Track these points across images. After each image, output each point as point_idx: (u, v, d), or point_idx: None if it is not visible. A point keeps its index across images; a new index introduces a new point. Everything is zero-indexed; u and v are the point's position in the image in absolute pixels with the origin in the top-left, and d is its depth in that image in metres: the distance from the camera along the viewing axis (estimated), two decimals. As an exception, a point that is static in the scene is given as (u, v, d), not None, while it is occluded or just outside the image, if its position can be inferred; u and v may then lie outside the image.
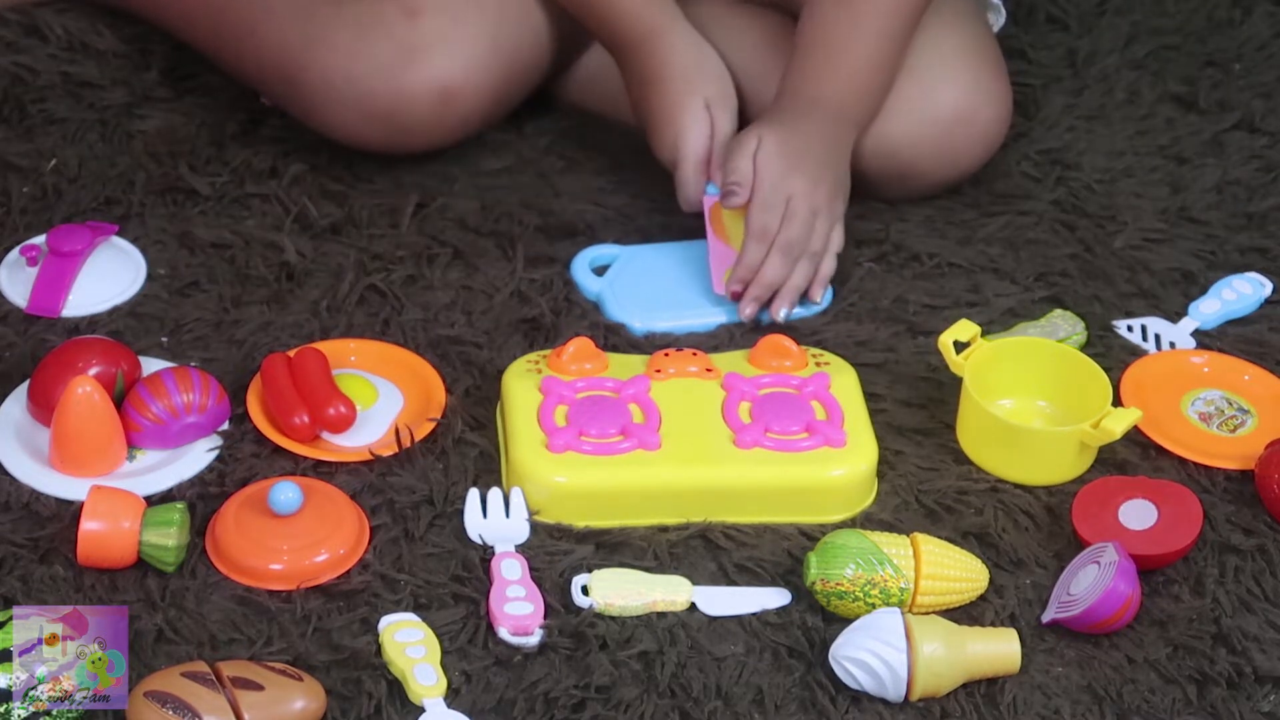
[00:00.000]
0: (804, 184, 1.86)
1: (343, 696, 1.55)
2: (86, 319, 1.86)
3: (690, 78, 1.94)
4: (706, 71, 1.95)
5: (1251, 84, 2.23)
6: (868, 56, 1.92)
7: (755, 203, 1.86)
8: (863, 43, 1.92)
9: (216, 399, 1.74)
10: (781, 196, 1.86)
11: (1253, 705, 1.59)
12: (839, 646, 1.58)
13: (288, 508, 1.64)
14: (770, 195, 1.86)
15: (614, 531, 1.69)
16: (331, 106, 1.98)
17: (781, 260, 1.86)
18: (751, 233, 1.86)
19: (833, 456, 1.72)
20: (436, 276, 1.93)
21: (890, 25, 1.92)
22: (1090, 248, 2.01)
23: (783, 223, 1.86)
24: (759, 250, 1.86)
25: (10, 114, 2.08)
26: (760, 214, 1.86)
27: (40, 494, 1.69)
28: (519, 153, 2.09)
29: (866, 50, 1.92)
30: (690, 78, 1.94)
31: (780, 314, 1.88)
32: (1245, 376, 1.87)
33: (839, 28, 1.92)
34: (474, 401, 1.80)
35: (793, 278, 1.88)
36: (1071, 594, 1.62)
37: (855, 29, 1.92)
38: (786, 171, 1.86)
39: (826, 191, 1.87)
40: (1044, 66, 2.24)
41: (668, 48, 1.95)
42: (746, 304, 1.87)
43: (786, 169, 1.86)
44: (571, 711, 1.56)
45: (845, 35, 1.92)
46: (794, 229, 1.86)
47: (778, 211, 1.86)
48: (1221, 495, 1.75)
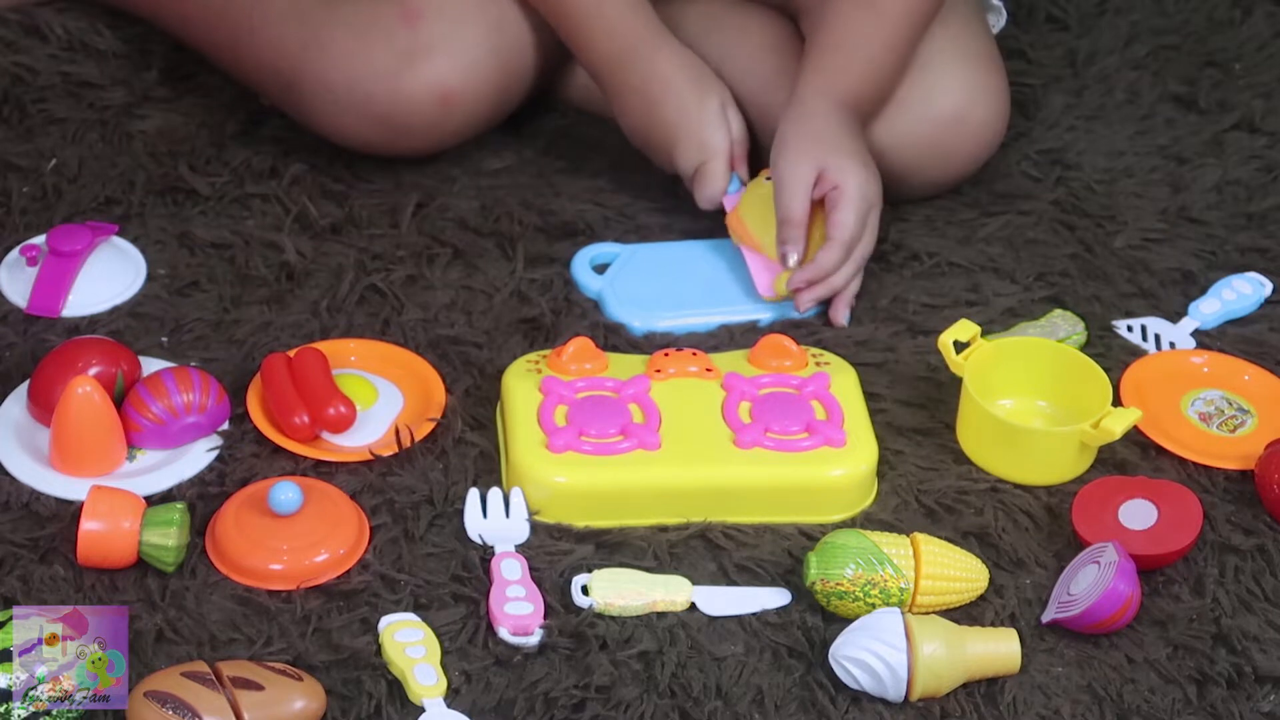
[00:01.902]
0: (877, 195, 1.88)
1: (343, 696, 1.55)
2: (86, 319, 1.86)
3: (699, 83, 1.95)
4: (708, 75, 1.96)
5: (1251, 84, 2.23)
6: (887, 58, 1.92)
7: (849, 212, 1.85)
8: (884, 44, 1.92)
9: (216, 399, 1.74)
10: (867, 206, 1.87)
11: (1253, 705, 1.59)
12: (839, 646, 1.58)
13: (288, 508, 1.64)
14: (861, 205, 1.86)
15: (614, 531, 1.69)
16: (330, 110, 1.98)
17: (854, 269, 1.88)
18: (837, 238, 1.85)
19: (833, 456, 1.72)
20: (436, 276, 1.93)
21: (910, 27, 1.92)
22: (1090, 248, 2.01)
23: (865, 233, 1.87)
24: (839, 256, 1.86)
25: (10, 114, 2.08)
26: (854, 225, 1.85)
27: (40, 494, 1.69)
28: (519, 153, 2.09)
29: (886, 52, 1.92)
30: (699, 83, 1.95)
31: (844, 319, 1.89)
32: (1245, 376, 1.87)
33: (863, 29, 1.91)
34: (474, 401, 1.80)
35: (853, 284, 1.89)
36: (1071, 594, 1.62)
37: (878, 30, 1.91)
38: (868, 179, 1.87)
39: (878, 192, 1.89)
40: (1044, 66, 2.24)
41: (666, 57, 1.95)
42: (808, 299, 1.87)
43: (867, 175, 1.87)
44: (571, 711, 1.56)
45: (869, 36, 1.91)
46: (870, 241, 1.88)
47: (864, 221, 1.86)
48: (1221, 495, 1.75)
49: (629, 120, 1.98)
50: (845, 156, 1.86)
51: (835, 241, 1.86)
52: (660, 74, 1.95)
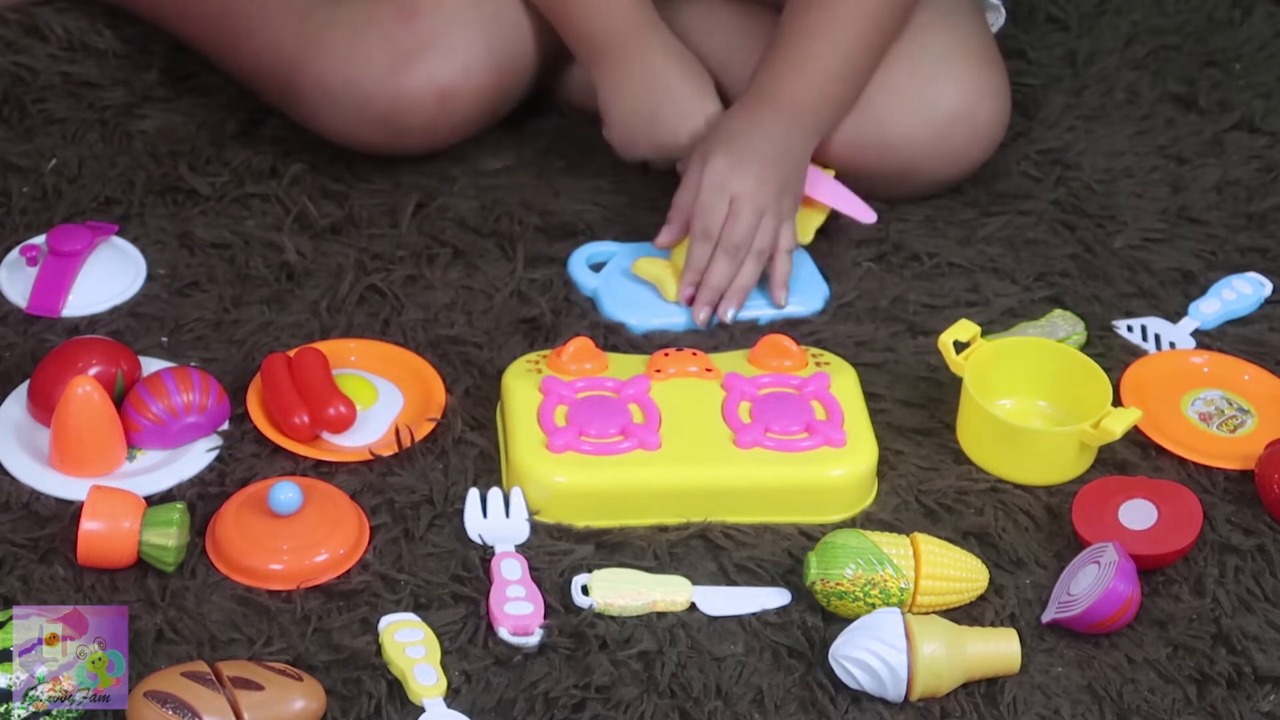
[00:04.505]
0: (748, 184, 1.86)
1: (343, 696, 1.55)
2: (86, 319, 1.86)
3: (693, 64, 1.96)
4: (699, 66, 1.96)
5: (1251, 84, 2.23)
6: (838, 61, 1.92)
7: (697, 205, 1.86)
8: (834, 47, 1.91)
9: (216, 399, 1.74)
10: (724, 198, 1.86)
11: (1253, 705, 1.59)
12: (839, 646, 1.58)
13: (288, 508, 1.64)
14: (712, 197, 1.86)
15: (614, 531, 1.69)
16: (329, 109, 1.98)
17: (727, 261, 1.87)
18: (695, 234, 1.87)
19: (833, 456, 1.72)
20: (436, 276, 1.93)
21: (865, 32, 1.92)
22: (1090, 248, 2.01)
23: (726, 223, 1.86)
24: (704, 252, 1.87)
25: (10, 114, 2.09)
26: (702, 216, 1.87)
27: (40, 494, 1.69)
28: (519, 153, 2.09)
29: (837, 55, 1.92)
30: (693, 64, 1.96)
31: (728, 315, 1.88)
32: (1245, 376, 1.87)
33: (813, 29, 1.91)
34: (474, 401, 1.80)
35: (739, 278, 1.88)
36: (1071, 594, 1.62)
37: (829, 32, 1.91)
38: (729, 172, 1.86)
39: (773, 190, 1.87)
40: (1044, 66, 2.24)
41: (662, 42, 1.95)
42: (699, 309, 1.88)
43: (729, 169, 1.86)
44: (571, 711, 1.56)
45: (818, 37, 1.91)
46: (737, 229, 1.86)
47: (720, 213, 1.86)
48: (1221, 495, 1.75)
49: (618, 108, 1.97)
50: (719, 147, 1.86)
51: (692, 234, 1.87)
52: (655, 57, 1.95)
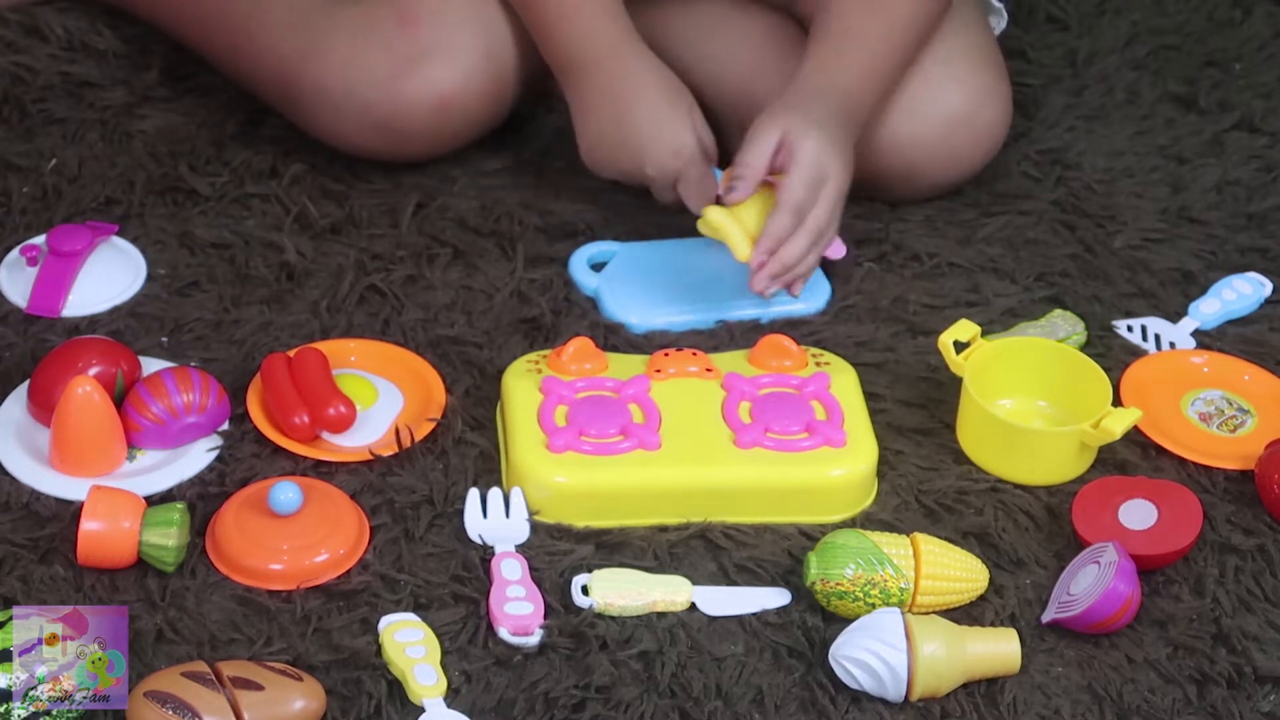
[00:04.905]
0: (839, 169, 1.83)
1: (343, 696, 1.55)
2: (86, 319, 1.86)
3: (669, 89, 1.92)
4: (677, 83, 1.94)
5: (1251, 84, 2.23)
6: (888, 54, 1.91)
7: (796, 175, 1.80)
8: (886, 40, 1.90)
9: (216, 399, 1.74)
10: (821, 176, 1.82)
11: (1253, 705, 1.59)
12: (839, 646, 1.58)
13: (288, 508, 1.64)
14: (813, 172, 1.81)
15: (614, 531, 1.69)
16: (328, 115, 1.98)
17: (807, 242, 1.82)
18: (785, 204, 1.81)
19: (833, 456, 1.72)
20: (436, 276, 1.93)
21: (914, 25, 1.91)
22: (1090, 248, 2.01)
23: (817, 204, 1.82)
24: (789, 223, 1.81)
25: (10, 114, 2.08)
26: (800, 188, 1.80)
27: (40, 494, 1.69)
28: (519, 153, 2.09)
29: (888, 47, 1.91)
30: (669, 89, 1.92)
31: (798, 291, 1.86)
32: (1245, 376, 1.87)
33: (863, 23, 1.90)
34: (474, 401, 1.80)
35: (805, 261, 1.84)
36: (1071, 594, 1.62)
37: (880, 25, 1.90)
38: (829, 152, 1.82)
39: (847, 183, 1.85)
40: (1044, 66, 2.24)
41: (637, 64, 1.92)
42: (766, 281, 1.82)
43: (829, 149, 1.82)
44: (571, 711, 1.56)
45: (869, 30, 1.90)
46: (824, 213, 1.82)
47: (815, 191, 1.82)
48: (1221, 495, 1.75)
49: (595, 124, 1.94)
50: (813, 126, 1.82)
51: (783, 204, 1.81)
52: (633, 77, 1.92)
